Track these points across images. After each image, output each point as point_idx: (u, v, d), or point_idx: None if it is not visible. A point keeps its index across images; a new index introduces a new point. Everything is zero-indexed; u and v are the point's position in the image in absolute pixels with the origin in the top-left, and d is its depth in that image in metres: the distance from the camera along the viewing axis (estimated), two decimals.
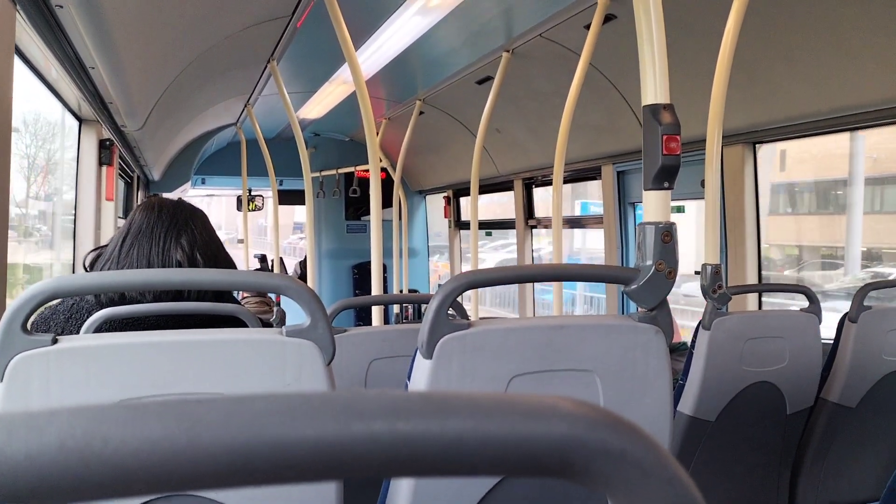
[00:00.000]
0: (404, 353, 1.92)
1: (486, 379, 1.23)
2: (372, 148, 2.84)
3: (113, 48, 2.10)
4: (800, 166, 5.10)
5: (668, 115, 1.34)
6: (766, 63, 2.85)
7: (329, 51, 3.76)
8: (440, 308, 1.21)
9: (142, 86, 2.88)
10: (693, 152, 2.91)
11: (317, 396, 0.28)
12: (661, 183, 1.36)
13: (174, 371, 1.05)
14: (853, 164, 3.99)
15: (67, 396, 1.02)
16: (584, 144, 4.22)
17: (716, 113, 2.21)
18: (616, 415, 0.31)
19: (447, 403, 0.29)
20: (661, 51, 1.35)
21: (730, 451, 2.18)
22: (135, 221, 1.55)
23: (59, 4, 1.64)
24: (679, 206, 4.00)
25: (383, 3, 3.33)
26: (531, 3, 3.31)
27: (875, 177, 4.42)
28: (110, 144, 3.70)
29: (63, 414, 0.25)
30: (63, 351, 1.02)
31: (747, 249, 3.25)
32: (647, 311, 1.32)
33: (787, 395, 2.17)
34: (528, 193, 5.59)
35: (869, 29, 2.42)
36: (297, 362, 1.09)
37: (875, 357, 2.20)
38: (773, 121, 3.00)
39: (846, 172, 4.17)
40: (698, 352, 2.06)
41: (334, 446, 0.27)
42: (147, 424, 0.26)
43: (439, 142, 6.20)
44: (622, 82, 3.65)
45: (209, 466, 0.26)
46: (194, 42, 2.97)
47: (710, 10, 2.80)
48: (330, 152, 7.57)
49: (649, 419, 1.30)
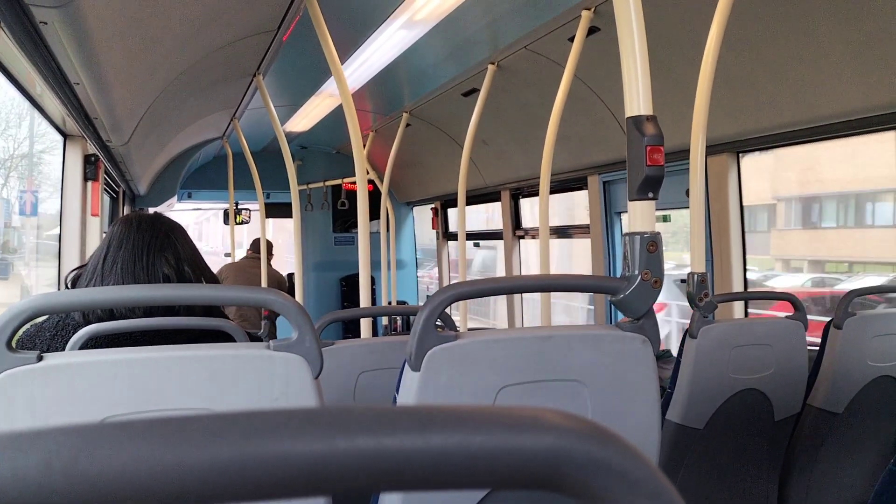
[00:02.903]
0: (393, 365, 1.92)
1: (475, 390, 1.23)
2: (359, 160, 2.84)
3: (97, 64, 2.09)
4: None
5: (651, 126, 1.35)
6: (748, 74, 2.88)
7: (315, 64, 3.77)
8: (428, 320, 1.22)
9: (127, 101, 2.87)
10: (678, 161, 2.93)
11: (303, 412, 0.28)
12: (645, 193, 1.37)
13: (161, 387, 1.05)
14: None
15: (53, 414, 1.01)
16: (570, 155, 4.24)
17: (699, 123, 2.23)
18: (602, 426, 0.31)
19: (433, 417, 0.29)
20: (643, 63, 1.36)
21: (718, 459, 2.18)
22: (114, 238, 1.53)
23: (44, 21, 1.64)
24: (665, 216, 4.03)
25: (369, 17, 3.34)
26: (516, 16, 3.34)
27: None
28: (95, 160, 3.69)
29: (49, 433, 0.25)
30: (48, 368, 1.02)
31: (733, 257, 3.27)
32: (633, 321, 1.33)
33: (774, 401, 2.18)
34: (516, 204, 5.61)
35: (848, 40, 2.45)
36: (284, 376, 1.09)
37: (860, 363, 2.22)
38: (756, 130, 3.03)
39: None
40: (685, 360, 2.07)
41: (321, 462, 0.27)
42: (133, 443, 0.26)
43: (426, 154, 6.21)
44: (607, 94, 3.68)
45: (196, 484, 0.26)
46: (180, 57, 2.97)
47: (692, 23, 2.83)
48: (317, 165, 7.56)
49: (638, 428, 1.30)
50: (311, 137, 6.78)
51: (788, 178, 9.44)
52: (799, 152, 3.11)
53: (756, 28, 2.69)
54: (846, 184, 8.62)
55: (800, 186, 9.69)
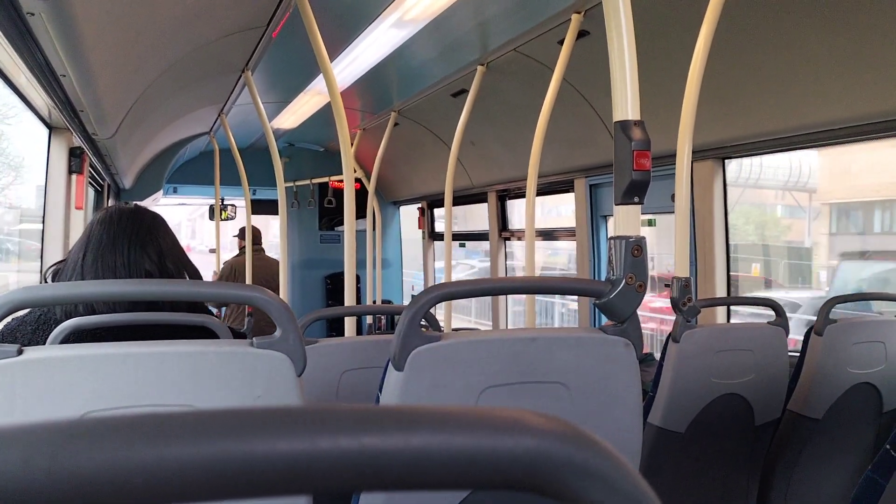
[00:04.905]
0: (376, 364, 1.92)
1: (458, 391, 1.24)
2: (346, 159, 2.84)
3: (85, 56, 2.07)
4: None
5: (638, 131, 1.36)
6: (735, 80, 2.90)
7: (304, 61, 3.76)
8: (412, 320, 1.22)
9: (114, 94, 2.85)
10: (664, 167, 2.95)
11: (285, 411, 0.28)
12: (631, 198, 1.37)
13: (142, 383, 1.04)
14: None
15: (32, 408, 1.00)
16: (558, 158, 4.25)
17: (686, 128, 2.24)
18: (582, 429, 0.31)
19: (415, 418, 0.29)
20: (632, 67, 1.37)
21: (699, 463, 2.20)
22: (94, 233, 1.51)
23: (31, 12, 1.63)
24: (650, 220, 4.05)
25: (359, 15, 3.34)
26: (506, 17, 3.34)
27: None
28: (81, 153, 3.65)
29: (29, 429, 0.25)
30: (28, 362, 1.01)
31: (716, 263, 3.30)
32: (617, 324, 1.34)
33: (755, 406, 2.20)
34: (502, 205, 5.62)
35: (834, 49, 2.47)
36: (267, 374, 1.09)
37: (840, 369, 2.24)
38: (741, 136, 3.06)
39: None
40: (668, 364, 2.08)
41: (303, 461, 0.27)
42: (115, 439, 0.26)
43: (414, 153, 6.21)
44: (595, 97, 3.69)
45: (177, 481, 0.26)
46: (168, 51, 2.95)
47: (681, 29, 2.85)
48: (304, 162, 7.54)
49: (619, 431, 1.31)
50: (298, 135, 6.76)
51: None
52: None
53: (743, 36, 2.71)
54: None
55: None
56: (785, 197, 9.14)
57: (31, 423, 0.26)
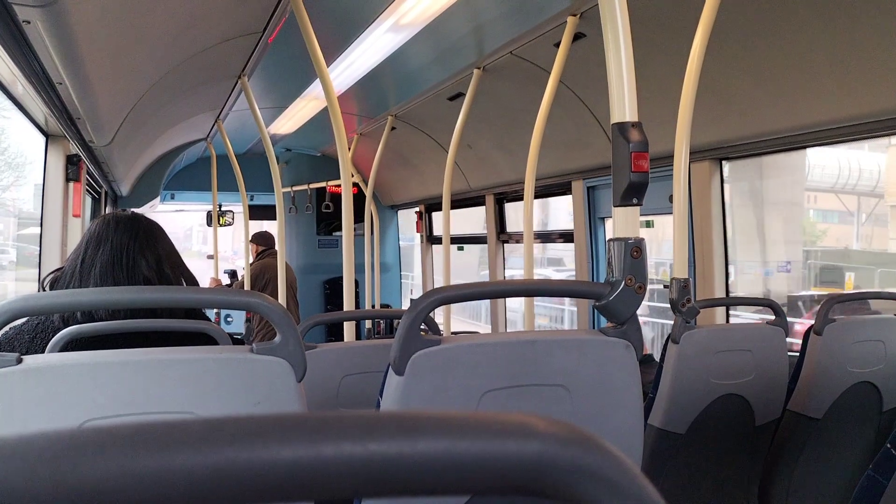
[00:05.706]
0: (376, 368, 1.92)
1: (459, 395, 1.23)
2: (344, 163, 2.84)
3: (81, 64, 2.07)
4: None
5: (636, 132, 1.36)
6: (732, 81, 2.91)
7: (301, 67, 3.76)
8: (412, 324, 1.21)
9: (110, 101, 2.85)
10: (662, 168, 2.95)
11: (289, 418, 0.28)
12: (630, 199, 1.37)
13: (142, 390, 1.04)
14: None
15: (32, 417, 1.00)
16: (555, 160, 4.25)
17: (683, 129, 2.25)
18: (586, 432, 0.31)
19: (419, 423, 0.29)
20: (629, 69, 1.37)
21: (700, 463, 2.20)
22: (92, 239, 1.51)
23: (27, 20, 1.63)
24: (648, 221, 4.05)
25: (355, 20, 3.34)
26: (501, 21, 3.35)
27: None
28: (78, 160, 3.65)
29: (33, 440, 0.25)
30: (28, 370, 1.00)
31: (715, 263, 3.30)
32: (616, 326, 1.34)
33: (755, 406, 2.20)
34: (500, 208, 5.62)
35: (831, 48, 2.48)
36: (267, 380, 1.08)
37: (840, 369, 2.24)
38: (739, 137, 3.06)
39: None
40: (667, 365, 2.08)
41: (306, 468, 0.27)
42: (120, 449, 0.26)
43: (411, 157, 6.21)
44: (592, 99, 3.69)
45: (182, 489, 0.26)
46: (164, 58, 2.95)
47: (677, 30, 2.86)
48: (301, 167, 7.55)
49: (620, 433, 1.31)
50: (295, 140, 6.76)
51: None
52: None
53: (740, 36, 2.72)
54: None
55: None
56: (866, 203, 8.88)
57: (34, 434, 0.26)
